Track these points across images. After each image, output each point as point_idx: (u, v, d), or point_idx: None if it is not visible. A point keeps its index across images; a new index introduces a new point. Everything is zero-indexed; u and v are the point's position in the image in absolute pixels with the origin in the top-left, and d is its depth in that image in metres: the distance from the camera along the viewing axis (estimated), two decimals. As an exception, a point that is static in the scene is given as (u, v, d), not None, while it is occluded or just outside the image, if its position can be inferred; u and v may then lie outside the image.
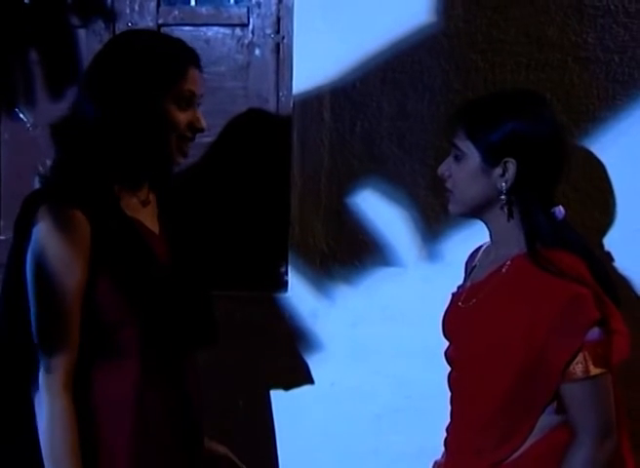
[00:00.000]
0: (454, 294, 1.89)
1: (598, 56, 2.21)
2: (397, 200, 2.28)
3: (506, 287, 1.73)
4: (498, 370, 1.69)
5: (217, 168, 2.40)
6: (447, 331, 1.87)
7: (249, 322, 2.25)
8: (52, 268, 1.68)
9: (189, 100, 1.78)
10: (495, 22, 2.22)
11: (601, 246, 2.23)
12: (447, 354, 1.86)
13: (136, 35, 1.92)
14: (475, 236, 1.88)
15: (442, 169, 1.79)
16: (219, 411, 2.21)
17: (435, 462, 1.91)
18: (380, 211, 2.29)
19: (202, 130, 1.82)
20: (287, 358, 2.35)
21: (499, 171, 1.71)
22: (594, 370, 1.62)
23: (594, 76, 2.21)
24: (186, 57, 1.79)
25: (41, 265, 1.68)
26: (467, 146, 1.73)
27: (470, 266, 1.93)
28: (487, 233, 1.80)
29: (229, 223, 2.45)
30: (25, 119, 2.51)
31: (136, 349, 1.75)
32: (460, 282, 1.92)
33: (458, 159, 1.75)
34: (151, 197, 1.86)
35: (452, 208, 1.80)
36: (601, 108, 2.21)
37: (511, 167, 1.70)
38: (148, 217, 1.84)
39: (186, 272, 1.85)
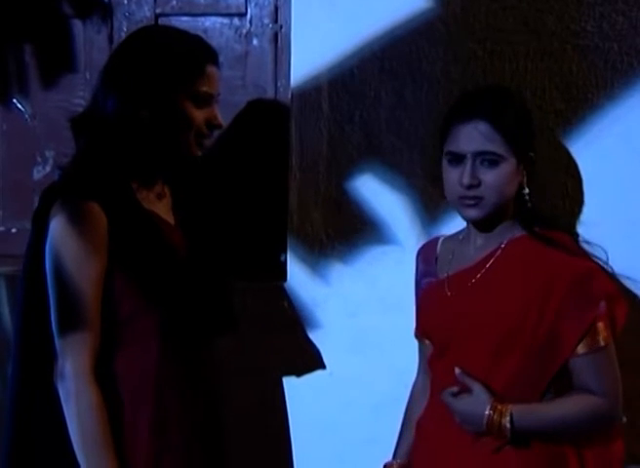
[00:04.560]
0: (426, 289, 1.89)
1: (597, 44, 2.20)
2: (395, 189, 2.28)
3: (509, 268, 1.75)
4: (506, 349, 1.71)
5: (215, 158, 2.40)
6: (437, 323, 1.85)
7: (247, 311, 2.25)
8: (69, 261, 1.71)
9: (207, 98, 1.80)
10: (493, 11, 2.22)
11: (599, 234, 2.22)
12: (438, 344, 1.86)
13: (155, 31, 1.96)
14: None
15: (469, 179, 1.72)
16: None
17: (385, 465, 1.94)
18: (378, 200, 2.28)
19: (219, 126, 1.85)
20: (286, 347, 2.36)
21: (522, 166, 1.76)
22: (607, 340, 1.68)
23: (593, 64, 2.20)
24: (205, 55, 1.81)
25: (59, 258, 1.71)
26: (506, 150, 1.73)
27: (432, 258, 1.93)
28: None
29: (228, 213, 2.45)
30: (23, 109, 2.51)
31: (154, 337, 1.78)
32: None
33: (495, 164, 1.73)
34: (165, 190, 1.88)
35: (478, 213, 1.75)
36: (600, 97, 2.20)
37: (531, 159, 1.77)
38: (164, 210, 1.87)
39: (203, 262, 1.87)
